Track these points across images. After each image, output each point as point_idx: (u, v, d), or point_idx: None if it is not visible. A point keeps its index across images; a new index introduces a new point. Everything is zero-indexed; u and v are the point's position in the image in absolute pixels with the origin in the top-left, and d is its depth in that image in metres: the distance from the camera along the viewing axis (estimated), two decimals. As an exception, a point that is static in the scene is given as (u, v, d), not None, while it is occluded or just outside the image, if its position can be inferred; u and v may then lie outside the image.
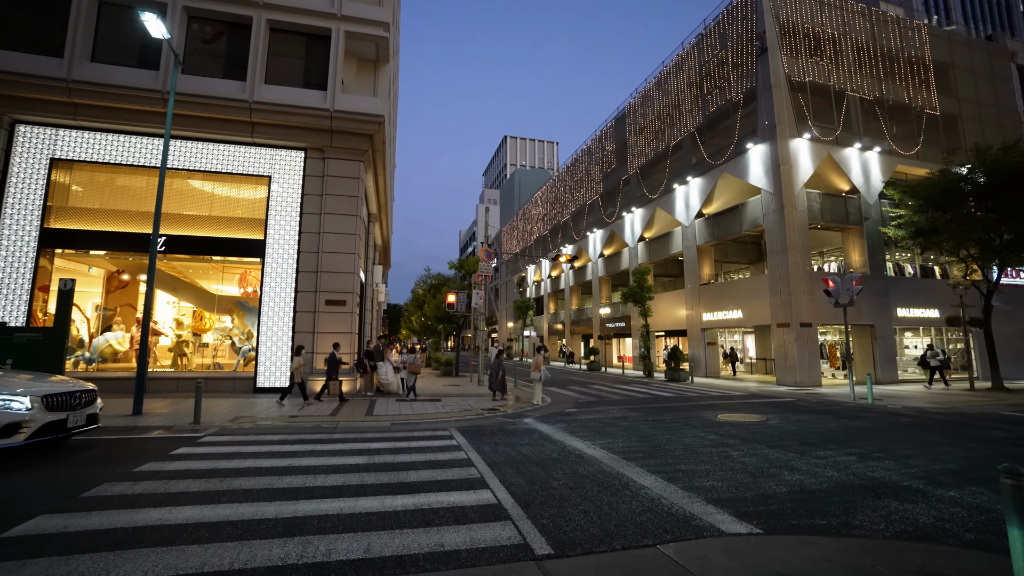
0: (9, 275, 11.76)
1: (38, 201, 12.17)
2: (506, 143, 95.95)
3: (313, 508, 4.44)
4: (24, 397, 6.00)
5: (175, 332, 14.19)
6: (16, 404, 5.91)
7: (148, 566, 3.30)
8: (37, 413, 6.01)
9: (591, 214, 36.41)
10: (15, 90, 11.84)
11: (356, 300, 13.58)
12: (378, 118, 13.83)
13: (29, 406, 5.98)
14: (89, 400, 6.88)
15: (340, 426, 8.66)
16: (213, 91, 12.77)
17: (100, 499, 4.58)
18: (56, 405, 6.26)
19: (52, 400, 6.23)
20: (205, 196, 13.47)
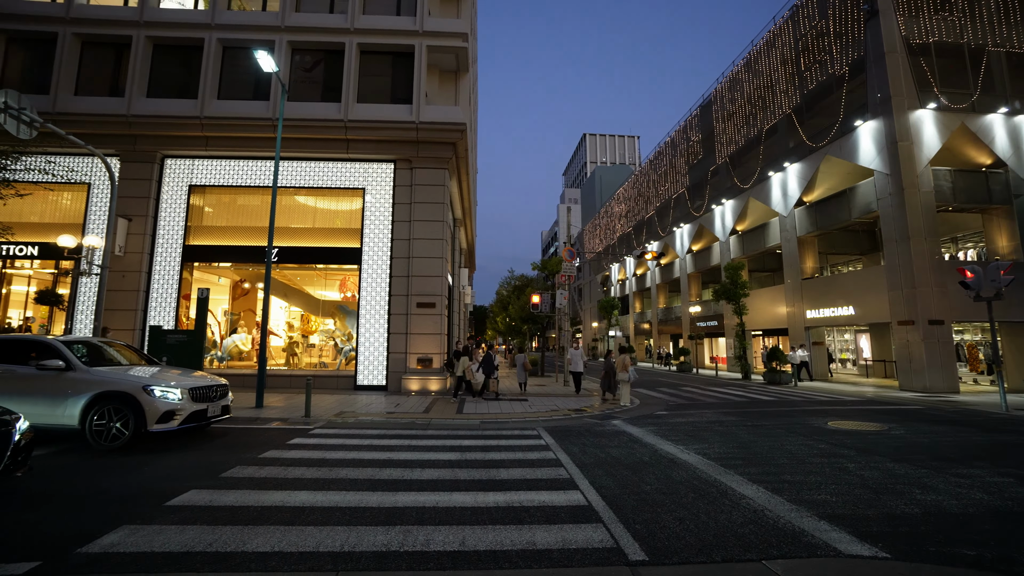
0: (163, 286, 13.80)
1: (180, 222, 14.15)
2: (585, 141, 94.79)
3: (411, 500, 4.71)
4: (176, 389, 6.94)
5: (287, 334, 15.76)
6: (171, 395, 6.87)
7: (274, 541, 3.71)
8: (186, 403, 6.97)
9: (677, 208, 34.84)
10: (164, 130, 13.91)
11: (445, 302, 14.17)
12: (460, 126, 14.33)
13: (180, 397, 6.93)
14: (223, 393, 7.85)
15: (433, 423, 9.08)
16: (314, 114, 14.03)
17: (234, 479, 5.22)
18: (199, 397, 7.22)
19: (196, 392, 7.19)
20: (309, 210, 14.81)
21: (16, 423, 4.54)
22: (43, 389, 6.68)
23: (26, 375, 6.75)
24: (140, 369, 7.51)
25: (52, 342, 7.19)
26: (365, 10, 15.11)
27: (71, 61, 14.50)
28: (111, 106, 14.04)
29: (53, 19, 14.51)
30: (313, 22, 14.75)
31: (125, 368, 7.44)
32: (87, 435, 6.55)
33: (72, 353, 7.06)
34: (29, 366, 6.78)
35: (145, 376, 7.06)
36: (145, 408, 6.58)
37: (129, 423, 6.56)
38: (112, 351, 7.93)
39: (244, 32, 14.69)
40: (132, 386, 6.71)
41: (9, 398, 6.50)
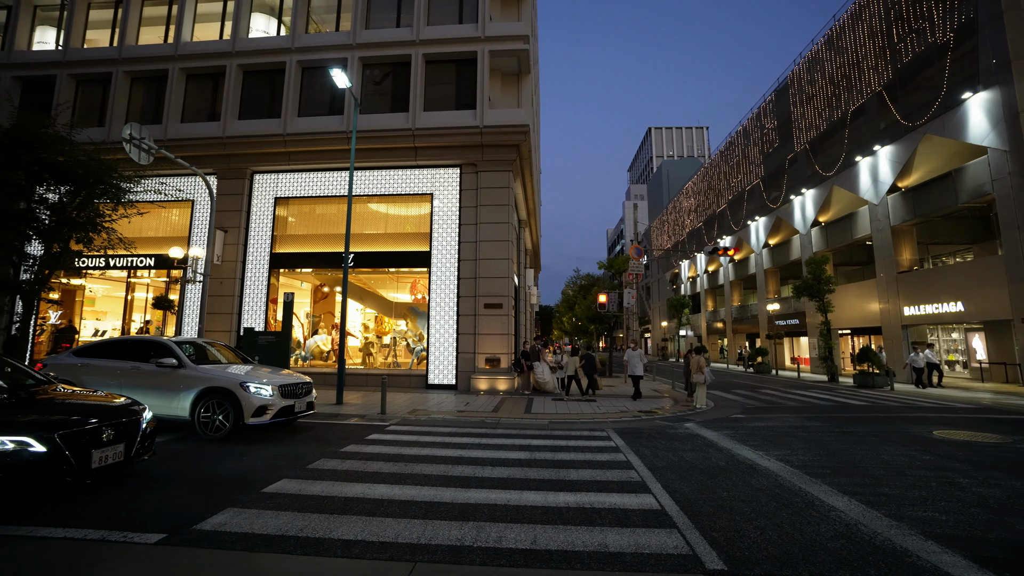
0: (254, 291, 15.12)
1: (268, 232, 15.41)
2: (650, 135, 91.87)
3: (483, 497, 4.82)
4: (268, 386, 7.56)
5: (363, 335, 16.67)
6: (264, 391, 7.50)
7: (357, 530, 3.95)
8: (276, 399, 7.55)
9: (751, 201, 32.90)
10: (253, 148, 15.23)
11: (511, 303, 14.34)
12: (523, 128, 14.45)
13: (271, 393, 7.54)
14: (308, 390, 8.42)
15: (502, 422, 9.24)
16: (384, 124, 14.73)
17: (320, 471, 5.61)
18: (287, 393, 7.80)
19: (284, 389, 7.77)
20: (381, 216, 15.58)
21: (143, 413, 5.18)
22: (161, 384, 7.55)
23: (148, 371, 7.67)
24: (237, 367, 8.21)
25: (167, 342, 8.07)
26: (429, 21, 15.65)
27: (178, 93, 16.27)
28: (209, 130, 15.59)
29: (165, 58, 16.36)
30: (381, 37, 15.50)
31: (225, 366, 8.17)
32: (196, 426, 7.33)
33: (182, 352, 7.88)
34: (150, 363, 7.69)
35: (241, 373, 7.71)
36: (242, 403, 7.23)
37: (229, 416, 7.25)
38: (214, 350, 8.70)
39: (320, 52, 15.73)
40: (231, 382, 7.39)
41: (136, 390, 7.43)
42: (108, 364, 7.90)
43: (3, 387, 5.06)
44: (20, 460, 4.05)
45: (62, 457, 4.24)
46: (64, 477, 4.26)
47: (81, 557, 3.43)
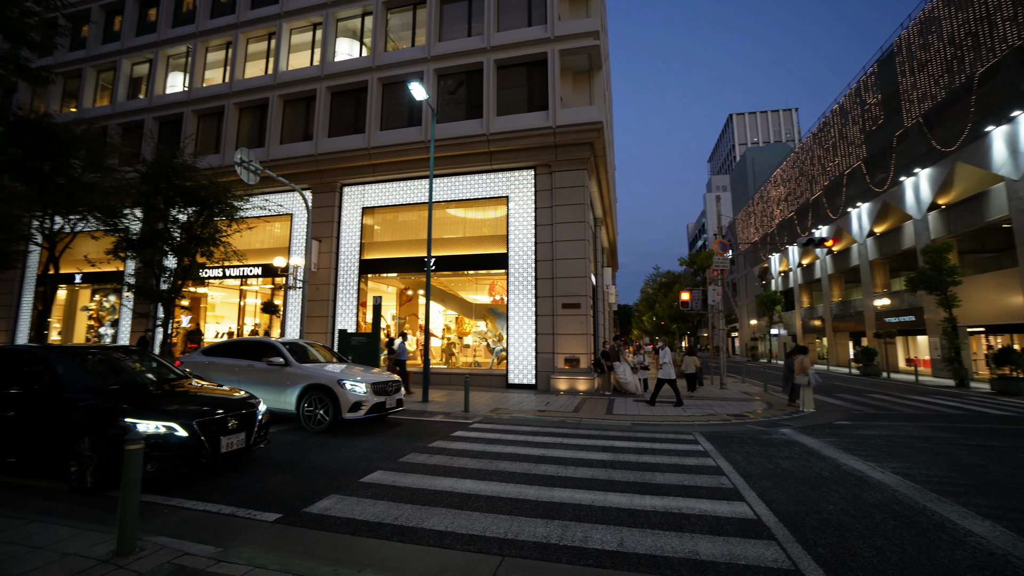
0: (346, 296, 16.29)
1: (356, 240, 16.52)
2: (732, 122, 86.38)
3: (567, 496, 4.83)
4: (362, 383, 8.09)
5: (445, 335, 17.31)
6: (358, 388, 8.04)
7: (447, 521, 4.13)
8: (369, 396, 8.07)
9: (852, 185, 29.84)
10: (341, 163, 16.43)
11: (589, 303, 14.19)
12: (596, 125, 14.25)
13: (365, 390, 8.06)
14: (397, 388, 8.92)
15: (583, 423, 9.17)
16: (459, 132, 15.22)
17: (410, 464, 5.92)
18: (379, 391, 8.30)
19: (376, 386, 8.27)
20: (459, 221, 16.10)
21: (259, 406, 5.79)
22: (272, 380, 8.34)
23: (261, 369, 8.52)
24: (333, 366, 8.84)
25: (274, 343, 8.93)
26: (499, 27, 15.93)
27: (277, 117, 17.97)
28: (304, 149, 17.04)
29: (265, 88, 18.16)
30: (454, 48, 16.04)
31: (324, 365, 8.82)
32: (300, 419, 8.03)
33: (287, 352, 8.64)
34: (262, 362, 8.53)
35: (338, 372, 8.30)
36: (340, 399, 7.81)
37: (329, 411, 7.86)
38: (313, 350, 9.40)
39: (398, 68, 16.60)
40: (330, 380, 7.99)
41: (251, 385, 8.30)
42: (229, 362, 8.86)
43: (153, 381, 5.90)
44: (168, 442, 4.71)
45: (199, 442, 4.87)
46: (200, 459, 4.88)
47: (221, 527, 3.93)
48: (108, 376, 5.65)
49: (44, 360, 5.23)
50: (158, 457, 4.62)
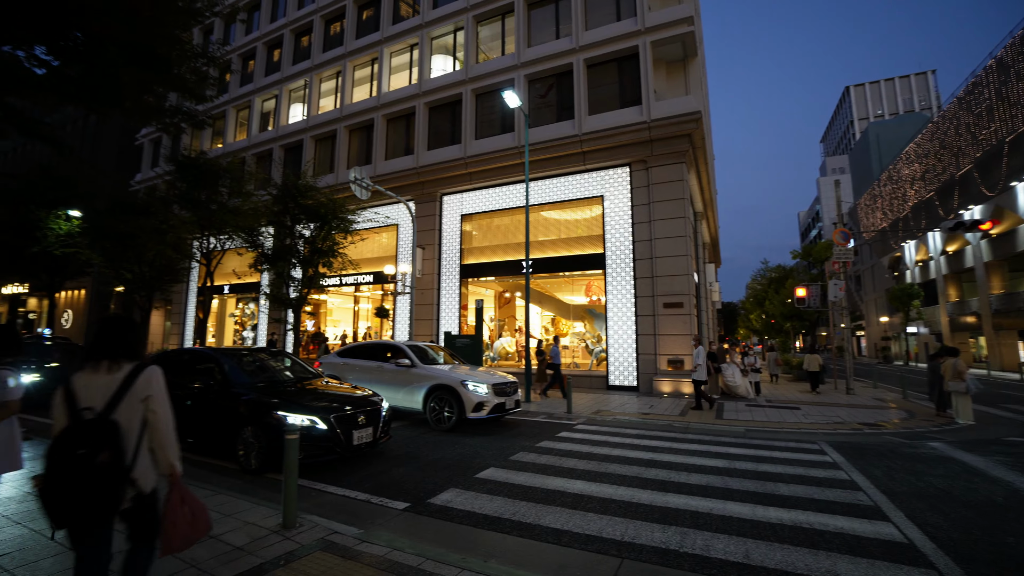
0: (448, 300, 17.17)
1: (456, 246, 17.34)
2: (849, 95, 76.77)
3: (683, 503, 4.69)
4: (483, 384, 8.26)
5: (543, 336, 17.51)
6: (480, 389, 8.21)
7: (563, 520, 4.21)
8: (491, 396, 8.21)
9: (1016, 155, 25.15)
10: (440, 174, 17.36)
11: (693, 301, 13.55)
12: (694, 115, 13.59)
13: (486, 391, 8.23)
14: (515, 389, 8.95)
15: (691, 427, 8.78)
16: (551, 135, 15.34)
17: (520, 463, 6.11)
18: (499, 391, 8.41)
19: (497, 387, 8.39)
20: (554, 223, 16.21)
21: (382, 403, 6.34)
22: (400, 380, 8.76)
23: (389, 369, 9.00)
24: (453, 367, 9.10)
25: (401, 345, 9.33)
26: (587, 26, 15.80)
27: (381, 135, 19.45)
28: (406, 163, 18.25)
29: (371, 109, 19.76)
30: (543, 52, 16.20)
31: (445, 366, 9.12)
32: (427, 418, 8.39)
33: (412, 354, 9.02)
34: (391, 363, 9.02)
35: (461, 373, 8.55)
36: (464, 399, 8.03)
37: (454, 411, 8.14)
38: (433, 352, 9.74)
39: (490, 78, 17.15)
40: (454, 381, 8.25)
41: (381, 385, 8.78)
42: (361, 363, 9.49)
43: (291, 379, 6.71)
44: (312, 434, 5.33)
45: (336, 434, 5.45)
46: (336, 450, 5.46)
47: (359, 510, 4.39)
48: (257, 374, 6.51)
49: (216, 360, 6.19)
50: (304, 447, 5.20)
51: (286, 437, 3.85)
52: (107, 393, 2.27)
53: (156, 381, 2.39)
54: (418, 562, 3.27)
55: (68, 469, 2.09)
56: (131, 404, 2.29)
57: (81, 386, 2.30)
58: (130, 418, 2.28)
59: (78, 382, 2.32)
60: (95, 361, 2.37)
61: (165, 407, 2.39)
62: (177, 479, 2.36)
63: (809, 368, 13.00)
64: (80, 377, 2.34)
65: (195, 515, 2.35)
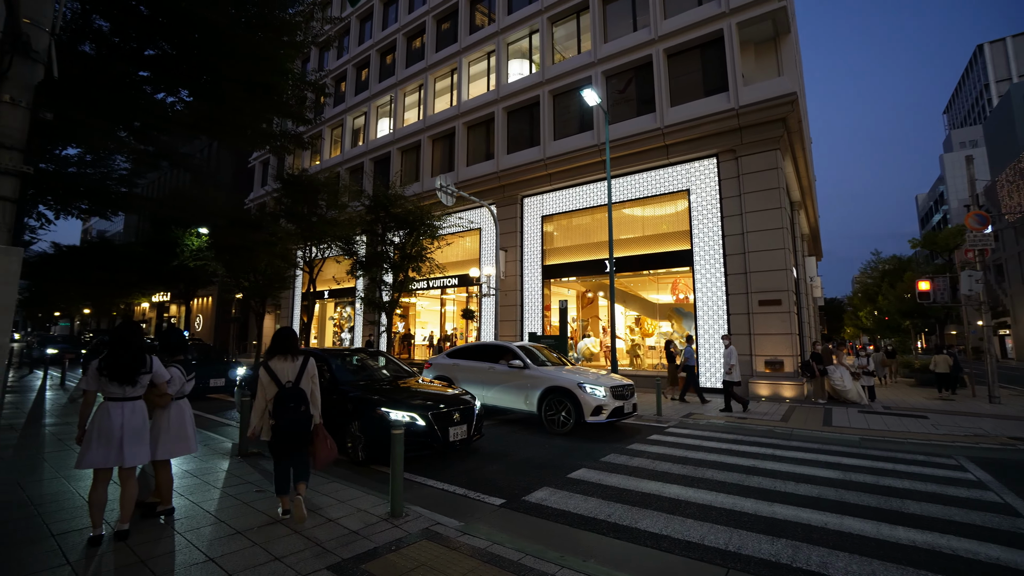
0: (531, 301, 17.36)
1: (538, 247, 17.48)
2: (983, 54, 66.25)
3: (791, 514, 4.37)
4: (601, 387, 7.83)
5: (628, 337, 17.12)
6: (598, 392, 7.80)
7: (660, 525, 4.11)
8: (609, 400, 7.81)
9: None
10: (520, 176, 17.61)
11: (792, 298, 12.55)
12: (788, 97, 12.57)
13: (604, 394, 7.81)
14: (632, 392, 8.39)
15: (795, 434, 8.13)
16: (632, 130, 14.95)
17: (612, 465, 6.04)
18: (617, 395, 7.97)
19: (615, 391, 7.97)
20: (637, 220, 15.78)
21: (474, 402, 6.56)
22: (513, 382, 8.54)
23: (501, 371, 8.78)
24: (565, 368, 8.68)
25: (513, 347, 9.01)
26: (666, 14, 15.21)
27: (462, 142, 20.13)
28: (487, 168, 18.72)
29: (452, 118, 20.53)
30: (621, 46, 15.82)
31: (559, 367, 8.73)
32: (543, 421, 8.06)
33: (524, 355, 8.69)
34: (501, 364, 8.81)
35: (576, 375, 8.17)
36: (582, 403, 7.67)
37: (571, 414, 7.78)
38: (541, 354, 9.25)
39: (566, 78, 17.09)
40: (570, 383, 7.90)
41: (494, 387, 8.68)
42: (472, 364, 9.34)
43: (389, 377, 7.15)
44: (413, 430, 5.64)
45: (433, 430, 5.74)
46: (434, 445, 5.76)
47: (458, 504, 4.61)
48: (358, 373, 6.98)
49: (325, 360, 6.73)
50: (407, 442, 5.47)
51: (392, 432, 4.12)
52: (293, 372, 4.00)
53: (314, 367, 4.17)
54: (518, 557, 3.36)
55: (287, 414, 3.87)
56: (306, 379, 4.05)
57: (278, 368, 3.97)
58: (307, 386, 4.04)
59: (275, 366, 3.98)
60: (282, 354, 4.03)
61: (317, 382, 4.18)
62: (320, 425, 4.09)
63: (937, 370, 11.47)
64: (274, 363, 3.99)
65: (329, 448, 4.03)
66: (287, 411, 3.85)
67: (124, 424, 3.53)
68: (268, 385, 3.93)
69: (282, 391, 3.89)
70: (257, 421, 3.98)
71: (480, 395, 7.15)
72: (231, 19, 6.46)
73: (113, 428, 3.49)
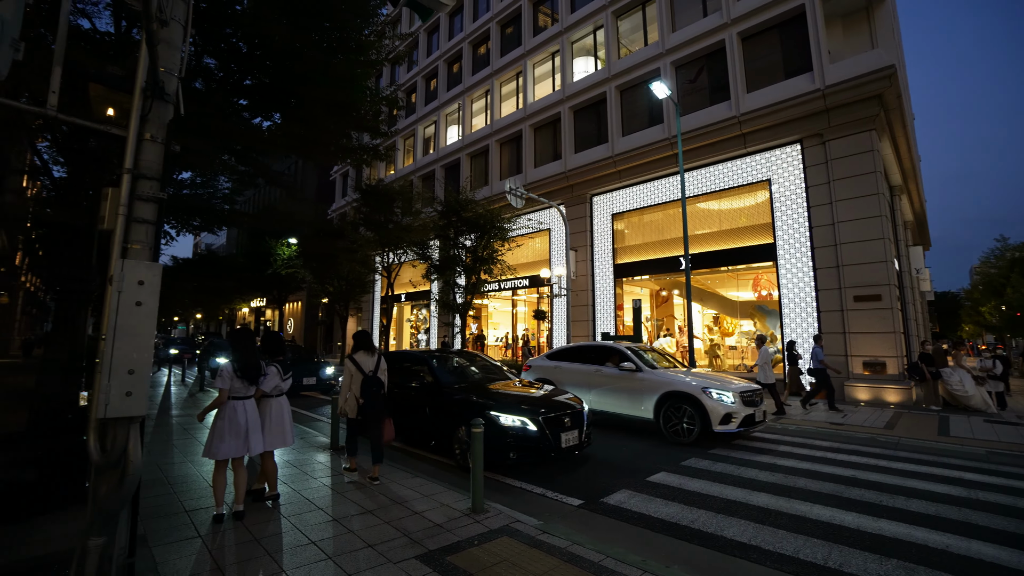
0: (603, 300, 17.10)
1: (608, 246, 17.19)
2: None
3: (903, 532, 3.98)
4: (728, 392, 6.97)
5: (707, 336, 16.35)
6: (726, 398, 6.91)
7: (748, 535, 3.91)
8: (739, 407, 6.94)
9: None
10: (589, 175, 17.43)
11: (894, 292, 11.36)
12: (885, 71, 11.39)
13: (733, 400, 6.94)
14: (761, 398, 7.48)
15: (903, 443, 7.36)
16: (704, 120, 14.28)
17: (693, 469, 5.81)
18: (748, 401, 7.10)
19: (745, 396, 7.09)
20: (712, 214, 15.03)
21: (582, 406, 6.15)
22: (624, 386, 7.89)
23: (610, 374, 8.12)
24: (682, 371, 8.03)
25: (621, 347, 8.37)
26: (740, -6, 14.38)
27: (530, 144, 20.26)
28: (554, 168, 18.71)
29: (518, 121, 20.74)
30: (691, 34, 15.15)
31: (676, 370, 8.06)
32: (661, 429, 7.31)
33: (636, 357, 8.02)
34: (606, 366, 8.18)
35: (698, 379, 7.41)
36: (708, 410, 6.84)
37: (695, 422, 6.95)
38: (647, 356, 8.47)
39: (634, 72, 16.65)
40: (692, 388, 7.10)
41: (601, 391, 8.09)
42: (575, 367, 8.77)
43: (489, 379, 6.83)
44: (526, 435, 5.39)
45: (545, 435, 5.41)
46: (549, 452, 5.42)
47: (536, 503, 4.65)
48: (458, 374, 6.71)
49: (425, 362, 6.77)
50: (519, 447, 5.27)
51: (473, 431, 4.26)
52: (372, 364, 5.18)
53: (384, 361, 5.33)
54: (599, 559, 3.35)
55: (371, 395, 5.04)
56: (381, 369, 5.21)
57: (361, 361, 5.17)
58: (383, 376, 5.21)
59: (359, 359, 5.17)
60: (363, 350, 5.24)
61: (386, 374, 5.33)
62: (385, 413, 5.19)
63: None
64: (358, 356, 5.19)
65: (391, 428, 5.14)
66: (371, 394, 5.04)
67: (248, 419, 4.13)
68: (354, 374, 5.13)
69: (366, 378, 5.07)
70: (343, 403, 5.26)
71: (585, 400, 6.68)
72: (314, 45, 6.99)
73: (240, 423, 4.08)
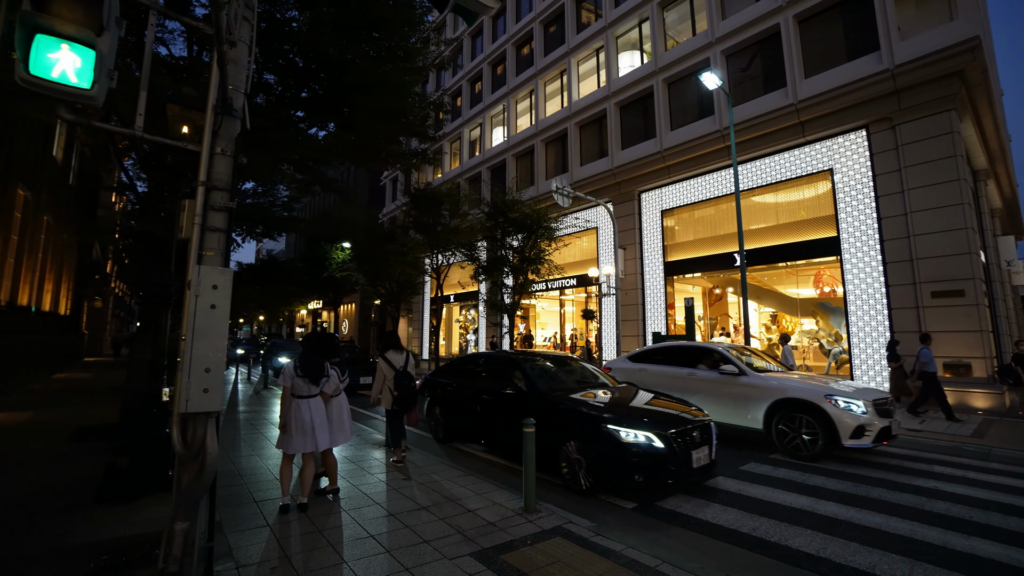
0: (653, 299, 16.69)
1: (658, 243, 16.75)
2: None
3: (997, 552, 3.64)
4: (859, 400, 6.03)
5: (765, 335, 15.61)
6: (855, 407, 5.95)
7: (817, 546, 3.70)
8: (873, 418, 5.96)
9: None
10: (637, 172, 17.07)
11: (980, 287, 10.39)
12: (967, 43, 10.43)
13: (866, 410, 5.96)
14: (895, 408, 6.57)
15: (994, 453, 6.71)
16: (758, 110, 13.62)
17: (753, 475, 5.57)
18: (882, 411, 6.14)
19: (879, 405, 6.13)
20: (769, 208, 14.32)
21: (710, 418, 5.28)
22: (725, 392, 7.04)
23: (706, 378, 7.28)
24: (795, 375, 7.23)
25: (720, 348, 7.50)
26: (799, -28, 13.60)
27: (575, 143, 20.09)
28: (601, 166, 18.45)
29: (563, 120, 20.62)
30: (742, 20, 14.47)
31: (789, 374, 7.27)
32: (775, 441, 6.44)
33: (737, 359, 7.17)
34: (703, 369, 7.38)
35: (819, 384, 6.48)
36: (835, 421, 5.91)
37: (818, 434, 6.04)
38: (746, 355, 7.75)
39: (681, 63, 16.13)
40: (812, 394, 6.18)
41: (696, 396, 7.16)
42: (665, 370, 7.96)
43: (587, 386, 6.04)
44: (652, 453, 4.56)
45: (675, 454, 4.58)
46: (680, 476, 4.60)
47: (588, 504, 4.57)
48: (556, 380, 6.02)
49: (519, 365, 6.11)
50: (643, 467, 4.49)
51: (524, 431, 4.26)
52: (402, 361, 5.84)
53: (412, 358, 5.93)
54: (655, 563, 3.28)
55: (404, 387, 5.67)
56: (409, 364, 5.86)
57: (392, 358, 5.81)
58: (411, 370, 5.84)
59: (390, 356, 5.82)
60: (394, 349, 5.91)
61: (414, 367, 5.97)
62: None
63: None
64: (389, 354, 5.85)
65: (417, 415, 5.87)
66: (404, 387, 5.68)
67: (313, 418, 4.39)
68: (387, 370, 5.80)
69: (398, 373, 5.73)
70: (376, 394, 5.97)
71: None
72: (365, 55, 7.25)
73: (305, 421, 4.36)
